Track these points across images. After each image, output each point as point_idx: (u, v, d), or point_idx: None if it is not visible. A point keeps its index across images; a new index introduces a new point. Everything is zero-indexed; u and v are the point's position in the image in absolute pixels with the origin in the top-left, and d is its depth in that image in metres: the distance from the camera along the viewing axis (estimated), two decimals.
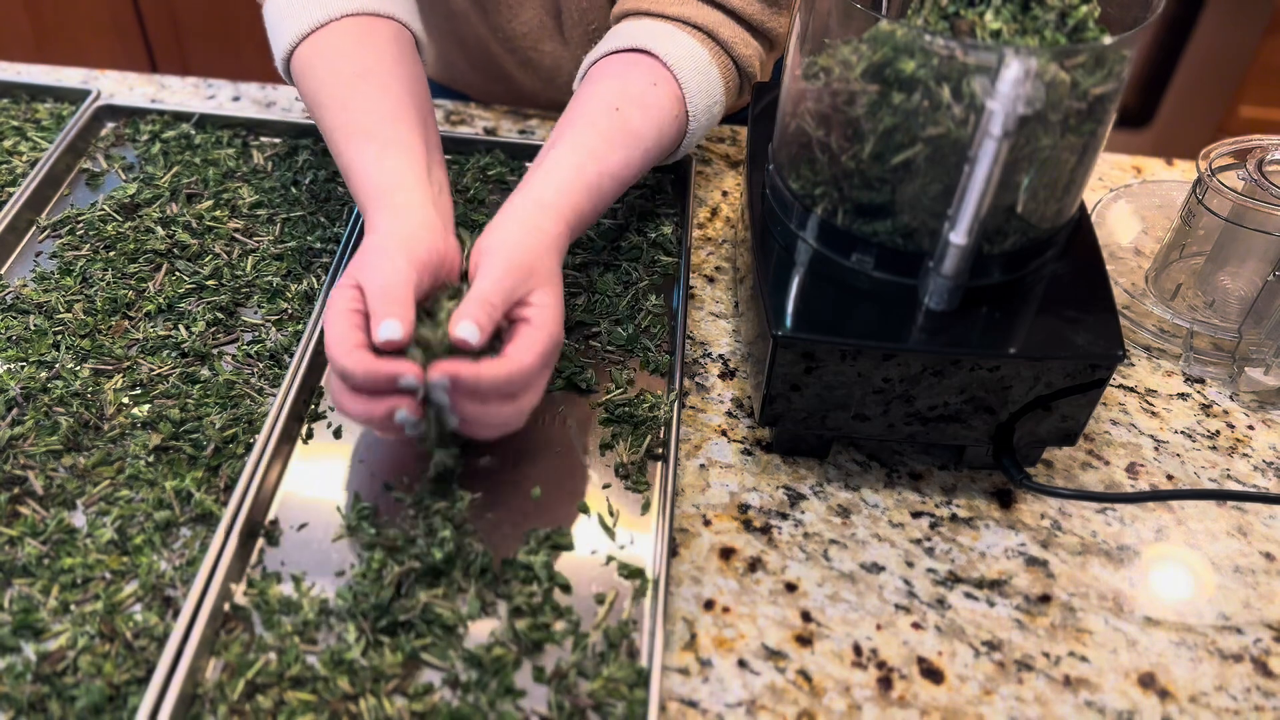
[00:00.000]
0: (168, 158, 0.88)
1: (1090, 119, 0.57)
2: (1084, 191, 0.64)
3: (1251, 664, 0.60)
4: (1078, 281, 0.64)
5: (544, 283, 0.62)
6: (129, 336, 0.73)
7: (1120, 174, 0.95)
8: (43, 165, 0.84)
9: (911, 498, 0.68)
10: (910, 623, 0.61)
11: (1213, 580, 0.65)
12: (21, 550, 0.60)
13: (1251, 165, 0.74)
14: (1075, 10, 0.58)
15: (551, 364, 0.62)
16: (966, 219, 0.56)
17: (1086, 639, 0.61)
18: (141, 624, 0.57)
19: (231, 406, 0.68)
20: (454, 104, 0.98)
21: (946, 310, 0.61)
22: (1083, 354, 0.60)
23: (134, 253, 0.79)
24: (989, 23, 0.57)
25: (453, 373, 0.57)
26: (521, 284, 0.61)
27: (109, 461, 0.65)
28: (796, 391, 0.63)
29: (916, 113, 0.55)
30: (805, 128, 0.62)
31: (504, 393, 0.58)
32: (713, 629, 0.60)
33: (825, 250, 0.64)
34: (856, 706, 0.57)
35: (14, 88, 0.94)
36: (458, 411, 0.59)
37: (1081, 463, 0.70)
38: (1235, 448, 0.72)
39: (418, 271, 0.60)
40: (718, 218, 0.87)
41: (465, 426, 0.60)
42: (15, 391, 0.68)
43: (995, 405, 0.63)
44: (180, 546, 0.61)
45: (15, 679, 0.55)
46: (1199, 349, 0.77)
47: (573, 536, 0.63)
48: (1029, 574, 0.64)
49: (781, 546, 0.64)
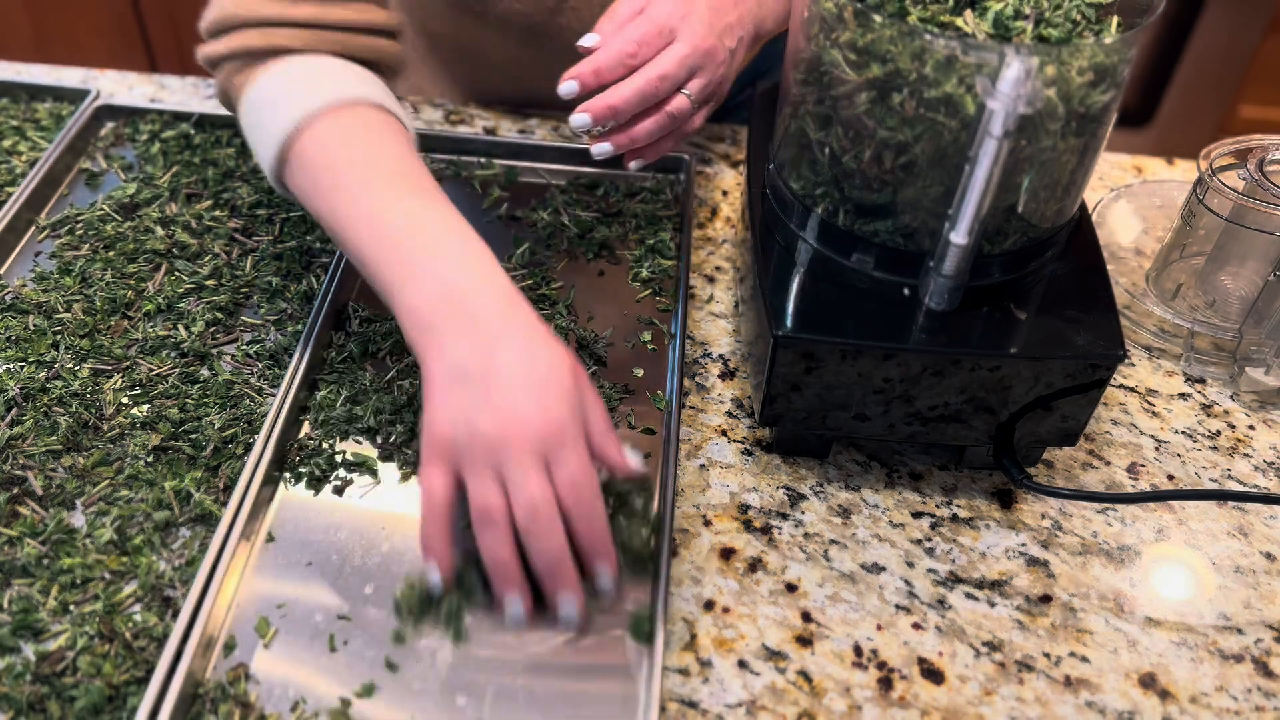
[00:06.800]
0: (167, 157, 0.88)
1: (1091, 119, 0.57)
2: (1084, 191, 0.64)
3: (1252, 664, 0.60)
4: (1078, 281, 0.64)
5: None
6: (128, 336, 0.73)
7: (1120, 174, 0.95)
8: (42, 165, 0.84)
9: (912, 498, 0.68)
10: (911, 623, 0.61)
11: (1213, 580, 0.64)
12: (21, 550, 0.60)
13: (1252, 165, 0.74)
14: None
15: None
16: (967, 219, 0.56)
17: (1087, 639, 0.61)
18: (141, 624, 0.57)
19: (231, 406, 0.68)
20: (454, 104, 0.98)
21: (947, 310, 0.61)
22: (1083, 354, 0.60)
23: (133, 253, 0.79)
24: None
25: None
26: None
27: (108, 461, 0.65)
28: (796, 391, 0.63)
29: (916, 113, 0.55)
30: (805, 128, 0.62)
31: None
32: (713, 629, 0.60)
33: (826, 250, 0.64)
34: (857, 707, 0.57)
35: (14, 87, 0.94)
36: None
37: (1082, 463, 0.70)
38: (1236, 448, 0.72)
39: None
40: (718, 218, 0.87)
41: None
42: (15, 391, 0.68)
43: (996, 405, 0.63)
44: (180, 547, 0.61)
45: (15, 679, 0.55)
46: (1199, 349, 0.77)
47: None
48: (1029, 574, 0.64)
49: (782, 547, 0.64)
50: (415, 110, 0.96)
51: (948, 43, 0.53)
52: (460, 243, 0.60)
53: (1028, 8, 0.58)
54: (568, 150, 0.89)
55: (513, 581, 0.55)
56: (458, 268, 0.59)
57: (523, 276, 0.79)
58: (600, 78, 0.67)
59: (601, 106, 0.67)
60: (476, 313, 0.57)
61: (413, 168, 0.63)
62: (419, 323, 0.58)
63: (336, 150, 0.63)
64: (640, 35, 0.67)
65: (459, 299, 0.57)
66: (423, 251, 0.59)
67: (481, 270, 0.59)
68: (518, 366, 0.55)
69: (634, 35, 0.67)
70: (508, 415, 0.54)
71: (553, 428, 0.54)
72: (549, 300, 0.77)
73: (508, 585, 0.55)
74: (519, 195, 0.87)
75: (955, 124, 0.55)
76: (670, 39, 0.68)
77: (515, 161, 0.90)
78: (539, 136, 0.94)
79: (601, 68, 0.67)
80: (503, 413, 0.54)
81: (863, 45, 0.56)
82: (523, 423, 0.54)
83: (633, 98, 0.67)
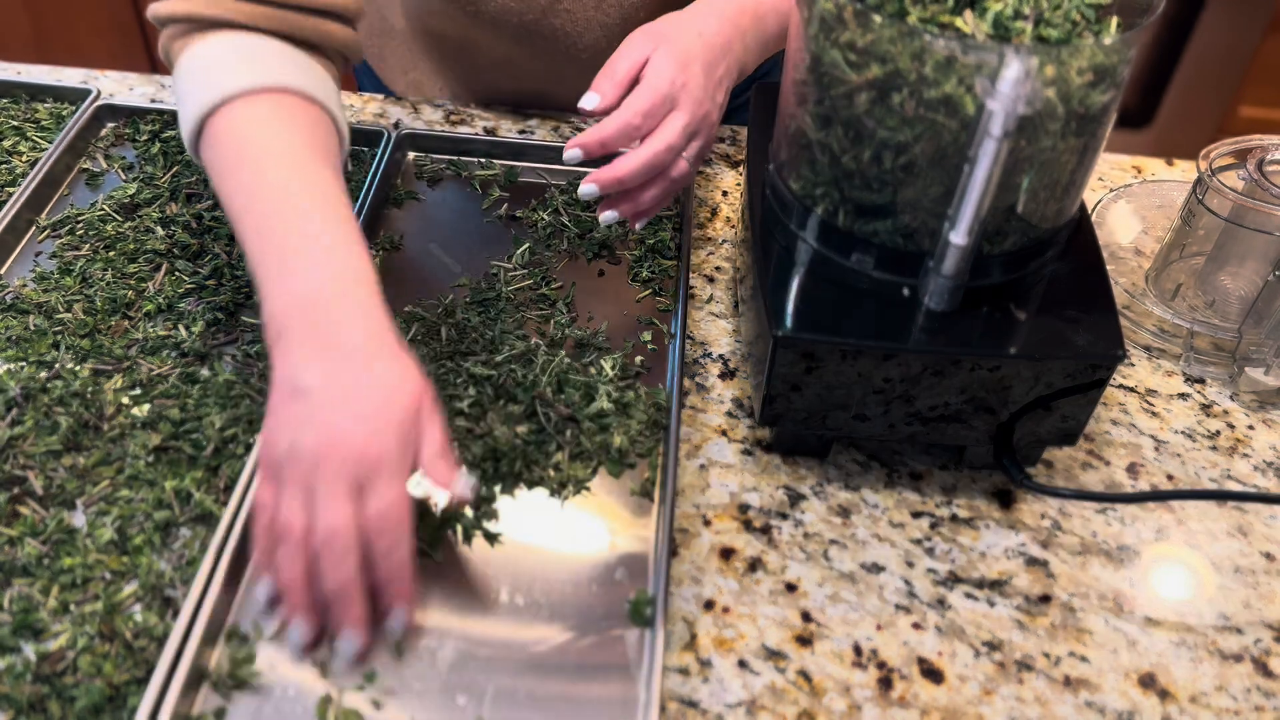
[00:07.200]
0: (167, 157, 0.88)
1: (1090, 119, 0.57)
2: (1084, 191, 0.64)
3: (1252, 664, 0.60)
4: (1078, 281, 0.64)
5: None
6: (129, 336, 0.73)
7: (1120, 174, 0.95)
8: (42, 165, 0.84)
9: (911, 498, 0.68)
10: (910, 623, 0.61)
11: (1213, 580, 0.65)
12: (21, 550, 0.60)
13: (1251, 165, 0.74)
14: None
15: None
16: (966, 219, 0.56)
17: (1086, 639, 0.61)
18: (141, 624, 0.57)
19: (231, 406, 0.68)
20: (454, 104, 0.98)
21: (947, 310, 0.61)
22: (1083, 354, 0.60)
23: (134, 253, 0.79)
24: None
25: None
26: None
27: (109, 461, 0.65)
28: (796, 391, 0.63)
29: (916, 113, 0.55)
30: (805, 128, 0.62)
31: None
32: (713, 629, 0.60)
33: (825, 250, 0.64)
34: (856, 707, 0.57)
35: (14, 87, 0.94)
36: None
37: (1082, 463, 0.70)
38: (1235, 448, 0.72)
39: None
40: (718, 218, 0.87)
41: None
42: (15, 391, 0.68)
43: (995, 405, 0.63)
44: (180, 546, 0.61)
45: (15, 679, 0.55)
46: (1199, 349, 0.77)
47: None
48: (1029, 574, 0.64)
49: (781, 546, 0.64)
50: (415, 110, 0.97)
51: (947, 43, 0.53)
52: (329, 245, 0.58)
53: (1027, 8, 0.58)
54: None
55: (296, 605, 0.54)
56: (321, 274, 0.57)
57: (523, 276, 0.79)
58: (606, 149, 0.67)
59: (609, 179, 0.68)
60: (326, 326, 0.56)
61: (314, 164, 0.62)
62: (272, 330, 0.57)
63: (245, 136, 0.62)
64: (645, 108, 0.67)
65: (312, 309, 0.56)
66: (293, 254, 0.58)
67: (345, 279, 0.57)
68: (353, 387, 0.54)
69: (639, 107, 0.67)
70: (328, 435, 0.53)
71: (372, 455, 0.53)
72: (549, 300, 0.77)
73: (291, 608, 0.54)
74: (519, 195, 0.87)
75: (955, 124, 0.55)
76: (671, 106, 0.68)
77: (515, 162, 0.90)
78: (539, 136, 0.94)
79: (608, 140, 0.67)
80: (324, 432, 0.53)
81: (862, 46, 0.56)
82: (342, 445, 0.53)
83: (640, 170, 0.68)
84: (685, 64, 0.68)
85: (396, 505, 0.53)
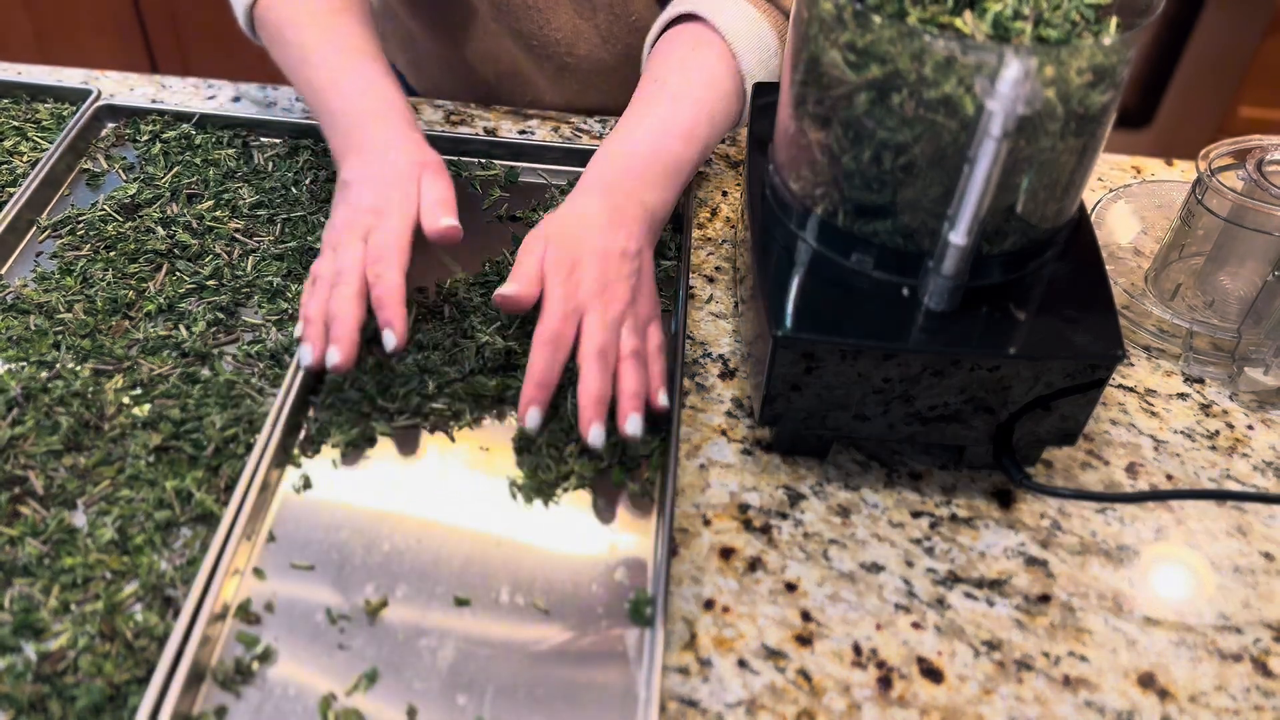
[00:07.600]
0: (168, 158, 0.88)
1: (1090, 119, 0.57)
2: (1084, 192, 0.64)
3: (1251, 664, 0.60)
4: (1077, 281, 0.64)
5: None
6: (129, 336, 0.73)
7: (1120, 174, 0.95)
8: (43, 165, 0.84)
9: (911, 497, 0.68)
10: (910, 622, 0.61)
11: (1212, 580, 0.65)
12: (21, 550, 0.60)
13: (1251, 165, 0.74)
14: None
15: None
16: (966, 219, 0.56)
17: (1086, 639, 0.61)
18: (141, 624, 0.57)
19: (232, 406, 0.68)
20: (454, 104, 0.98)
21: (946, 310, 0.61)
22: (1082, 354, 0.60)
23: (134, 253, 0.79)
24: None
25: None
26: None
27: (109, 461, 0.65)
28: (796, 391, 0.63)
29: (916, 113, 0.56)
30: (805, 128, 0.62)
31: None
32: (713, 629, 0.60)
33: (825, 250, 0.64)
34: (856, 706, 0.57)
35: (14, 88, 0.94)
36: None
37: (1081, 463, 0.70)
38: (1235, 448, 0.72)
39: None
40: (718, 218, 0.87)
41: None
42: (15, 391, 0.68)
43: (995, 405, 0.63)
44: (181, 546, 0.61)
45: (15, 679, 0.55)
46: (1198, 349, 0.77)
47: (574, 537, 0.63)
48: (1029, 574, 0.64)
49: (781, 546, 0.64)
50: (415, 110, 0.97)
51: (947, 44, 0.54)
52: (363, 87, 0.77)
53: (1027, 8, 0.58)
54: (568, 151, 0.89)
55: (307, 334, 0.69)
56: (358, 104, 0.76)
57: None
58: (549, 389, 0.64)
59: (530, 393, 0.64)
60: (359, 138, 0.74)
61: (355, 35, 0.79)
62: (336, 157, 0.76)
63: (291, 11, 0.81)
64: (552, 335, 0.64)
65: (352, 131, 0.75)
66: (343, 115, 0.76)
67: (377, 106, 0.76)
68: (375, 171, 0.72)
69: (545, 337, 0.64)
70: (355, 205, 0.71)
71: (378, 208, 0.70)
72: None
73: (303, 336, 0.69)
74: (519, 195, 0.87)
75: (954, 124, 0.55)
76: (580, 313, 0.65)
77: (515, 162, 0.90)
78: (539, 137, 0.94)
79: (543, 382, 0.64)
80: (351, 204, 0.72)
81: (862, 46, 0.56)
82: (359, 208, 0.71)
83: (599, 389, 0.64)
84: (573, 266, 0.66)
85: (389, 239, 0.69)
